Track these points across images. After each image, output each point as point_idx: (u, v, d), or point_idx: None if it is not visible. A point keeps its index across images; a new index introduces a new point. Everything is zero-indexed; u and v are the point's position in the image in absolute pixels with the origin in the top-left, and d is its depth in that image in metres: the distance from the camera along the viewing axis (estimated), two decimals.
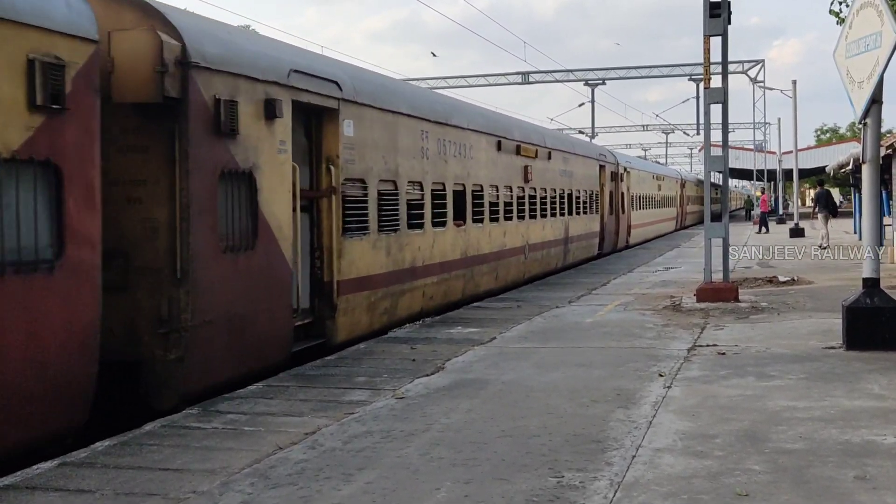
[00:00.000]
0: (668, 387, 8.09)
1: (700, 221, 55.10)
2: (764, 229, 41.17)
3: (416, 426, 6.88)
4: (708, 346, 10.27)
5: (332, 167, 10.55)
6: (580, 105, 52.49)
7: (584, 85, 49.09)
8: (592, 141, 46.10)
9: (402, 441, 6.46)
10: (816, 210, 29.86)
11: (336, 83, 10.68)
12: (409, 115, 12.87)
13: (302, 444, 6.43)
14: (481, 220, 16.00)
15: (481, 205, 16.03)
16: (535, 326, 12.32)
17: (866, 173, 10.15)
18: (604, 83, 48.75)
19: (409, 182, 12.75)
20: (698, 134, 57.52)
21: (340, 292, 10.64)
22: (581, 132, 53.18)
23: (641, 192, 35.78)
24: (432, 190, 13.59)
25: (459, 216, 14.90)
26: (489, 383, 8.44)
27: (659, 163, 64.70)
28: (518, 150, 18.36)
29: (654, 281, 18.84)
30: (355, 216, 11.08)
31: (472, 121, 16.03)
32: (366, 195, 11.36)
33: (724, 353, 9.73)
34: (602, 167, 27.55)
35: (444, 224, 14.14)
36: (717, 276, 14.76)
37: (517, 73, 48.44)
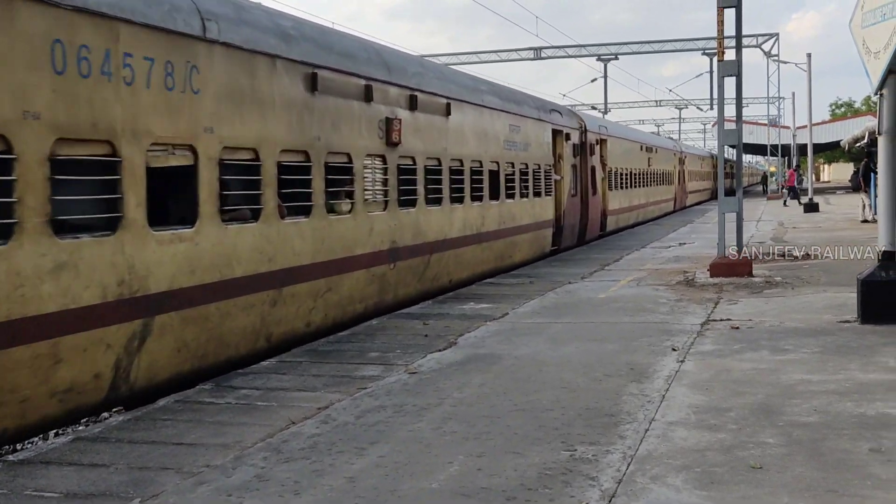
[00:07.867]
0: (682, 361, 8.06)
1: (704, 201, 54.39)
2: (788, 202, 44.08)
3: (428, 401, 6.88)
4: (721, 320, 10.23)
5: None
6: (593, 80, 52.04)
7: (597, 60, 48.72)
8: (605, 117, 45.75)
9: (415, 415, 6.46)
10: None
11: None
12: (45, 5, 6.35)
13: (315, 419, 6.45)
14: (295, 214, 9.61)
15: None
16: (547, 302, 12.29)
17: (882, 146, 10.03)
18: (616, 58, 48.33)
19: (58, 142, 6.42)
20: (711, 109, 57.04)
21: None
22: (594, 107, 52.73)
23: (624, 167, 29.29)
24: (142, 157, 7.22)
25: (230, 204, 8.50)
26: (502, 358, 8.44)
27: (672, 138, 63.48)
28: (369, 95, 11.23)
29: (668, 256, 18.76)
30: None
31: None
32: None
33: (737, 328, 9.68)
34: (558, 133, 20.79)
35: (194, 223, 7.93)
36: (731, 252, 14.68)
37: (529, 49, 48.06)
